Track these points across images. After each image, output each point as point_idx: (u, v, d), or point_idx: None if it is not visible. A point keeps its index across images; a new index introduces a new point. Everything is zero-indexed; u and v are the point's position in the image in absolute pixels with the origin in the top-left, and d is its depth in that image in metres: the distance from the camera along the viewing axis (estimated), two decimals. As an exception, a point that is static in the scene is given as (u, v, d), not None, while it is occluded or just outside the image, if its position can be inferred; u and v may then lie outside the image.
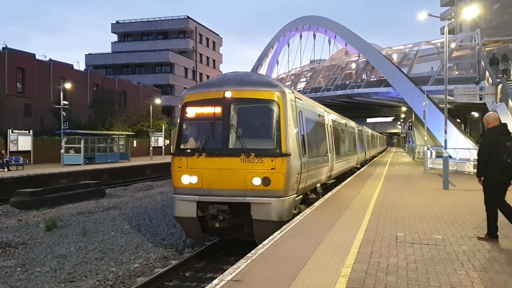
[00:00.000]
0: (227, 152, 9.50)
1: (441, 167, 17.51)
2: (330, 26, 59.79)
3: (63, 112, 34.80)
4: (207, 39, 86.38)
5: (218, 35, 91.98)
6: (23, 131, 35.67)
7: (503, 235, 7.52)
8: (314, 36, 66.06)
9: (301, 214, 9.84)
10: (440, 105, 35.93)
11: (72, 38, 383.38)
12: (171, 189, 11.48)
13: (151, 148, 45.46)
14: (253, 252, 6.55)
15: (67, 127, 35.23)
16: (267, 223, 9.27)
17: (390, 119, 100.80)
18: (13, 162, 29.36)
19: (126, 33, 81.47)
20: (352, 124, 25.13)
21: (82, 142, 33.68)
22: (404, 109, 54.60)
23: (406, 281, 5.24)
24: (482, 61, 35.90)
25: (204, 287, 5.21)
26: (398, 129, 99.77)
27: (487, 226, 7.34)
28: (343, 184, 16.55)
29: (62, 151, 33.07)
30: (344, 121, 21.31)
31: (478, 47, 39.77)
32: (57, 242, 12.40)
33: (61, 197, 20.68)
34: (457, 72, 44.55)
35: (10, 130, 34.33)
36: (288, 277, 5.36)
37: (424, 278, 5.36)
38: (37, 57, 45.24)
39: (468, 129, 52.06)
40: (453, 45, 42.71)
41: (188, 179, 9.73)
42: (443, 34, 19.15)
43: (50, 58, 48.02)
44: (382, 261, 6.07)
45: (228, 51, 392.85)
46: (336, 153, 16.19)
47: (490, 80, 28.86)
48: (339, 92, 53.23)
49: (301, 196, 10.75)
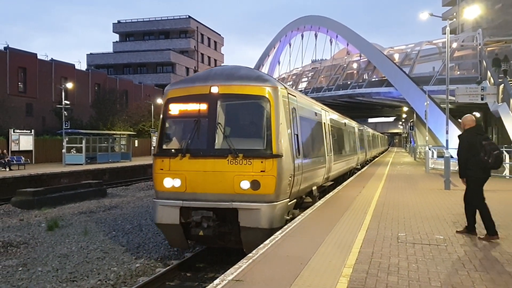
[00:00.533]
0: (213, 153, 8.79)
1: (443, 167, 17.52)
2: (332, 26, 59.87)
3: (65, 112, 34.91)
4: (209, 39, 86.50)
5: (220, 35, 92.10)
6: (25, 131, 35.73)
7: (504, 236, 7.52)
8: (316, 36, 66.16)
9: (303, 214, 9.73)
10: (442, 105, 35.90)
11: (73, 38, 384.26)
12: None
13: (153, 148, 45.42)
14: (254, 252, 6.56)
15: (69, 127, 35.38)
16: (256, 231, 8.56)
17: (392, 119, 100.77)
18: (15, 162, 29.42)
19: (128, 33, 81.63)
20: (352, 124, 24.65)
21: (84, 142, 33.71)
22: (406, 109, 54.63)
23: (408, 281, 5.24)
24: (484, 61, 35.90)
25: (206, 287, 5.21)
26: (400, 129, 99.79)
27: (485, 226, 7.41)
28: (344, 184, 16.52)
29: (64, 151, 33.18)
30: (344, 120, 20.67)
31: (480, 47, 39.77)
32: (59, 242, 12.42)
33: (63, 197, 20.73)
34: (459, 72, 44.54)
35: (12, 130, 34.41)
36: (290, 277, 5.36)
37: (426, 278, 5.35)
38: (39, 57, 45.39)
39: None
40: (455, 45, 42.72)
41: (171, 182, 8.99)
42: (445, 34, 19.20)
43: (52, 58, 48.16)
44: (384, 261, 6.07)
45: (230, 51, 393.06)
46: (334, 154, 15.43)
47: (492, 80, 28.85)
48: (341, 92, 53.27)
49: (295, 201, 10.03)
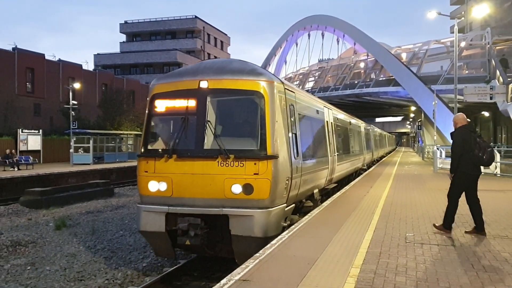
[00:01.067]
0: (202, 154, 8.04)
1: (451, 167, 17.34)
2: (339, 25, 59.76)
3: (72, 112, 35.13)
4: (215, 39, 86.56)
5: (226, 35, 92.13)
6: (33, 131, 35.96)
7: (514, 236, 7.44)
8: (323, 35, 66.08)
9: (309, 214, 9.64)
10: (450, 105, 35.69)
11: (81, 38, 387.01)
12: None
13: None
14: (261, 252, 6.54)
15: (76, 127, 35.58)
16: (249, 240, 7.81)
17: (399, 119, 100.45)
18: (23, 162, 29.61)
19: (135, 33, 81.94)
20: (359, 123, 23.96)
21: (91, 142, 33.89)
22: (413, 109, 54.38)
23: (416, 282, 5.19)
24: (493, 60, 35.64)
25: (213, 287, 5.20)
26: (407, 129, 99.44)
27: (444, 216, 7.88)
28: (352, 184, 16.44)
29: (71, 151, 33.35)
30: (349, 119, 19.77)
31: (489, 46, 39.48)
32: (66, 241, 12.49)
33: (70, 196, 20.84)
34: (467, 71, 44.28)
35: (20, 130, 34.65)
36: (297, 277, 5.33)
37: (434, 279, 5.30)
38: (46, 57, 45.72)
39: (479, 129, 51.61)
40: (463, 44, 42.40)
41: (156, 186, 8.26)
42: (453, 33, 19.05)
43: (59, 58, 48.50)
44: (391, 262, 6.02)
45: (236, 51, 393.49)
46: (338, 154, 14.54)
47: (501, 79, 28.63)
48: (348, 92, 53.15)
49: (293, 206, 9.26)
